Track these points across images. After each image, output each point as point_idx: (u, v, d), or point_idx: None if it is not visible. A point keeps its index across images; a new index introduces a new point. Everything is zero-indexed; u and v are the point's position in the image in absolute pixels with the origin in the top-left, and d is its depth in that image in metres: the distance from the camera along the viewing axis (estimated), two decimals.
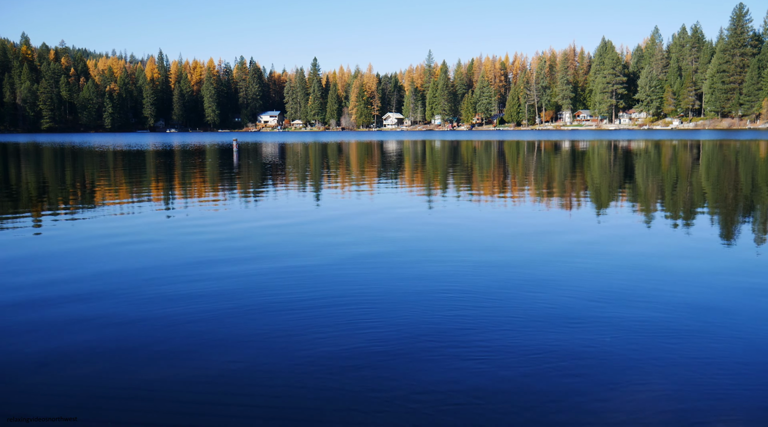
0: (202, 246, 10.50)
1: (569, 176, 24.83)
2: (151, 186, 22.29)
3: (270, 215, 14.41)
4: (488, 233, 11.74)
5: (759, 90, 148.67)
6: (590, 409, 4.46)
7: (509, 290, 7.55)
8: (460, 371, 5.10)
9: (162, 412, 4.48)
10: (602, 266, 8.85)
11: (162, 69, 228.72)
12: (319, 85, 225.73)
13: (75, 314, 6.72)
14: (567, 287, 7.65)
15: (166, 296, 7.37)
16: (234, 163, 36.31)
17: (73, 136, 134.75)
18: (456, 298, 7.21)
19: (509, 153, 47.31)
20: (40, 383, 4.94)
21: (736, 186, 20.07)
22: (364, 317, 6.50)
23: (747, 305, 6.86)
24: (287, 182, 23.60)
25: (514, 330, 6.08)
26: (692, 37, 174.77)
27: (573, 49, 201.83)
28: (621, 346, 5.64)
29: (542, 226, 12.48)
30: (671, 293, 7.35)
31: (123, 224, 13.05)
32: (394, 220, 13.51)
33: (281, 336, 5.98)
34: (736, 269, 8.63)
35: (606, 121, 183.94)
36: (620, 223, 12.85)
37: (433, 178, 24.64)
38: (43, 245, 10.74)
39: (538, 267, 8.77)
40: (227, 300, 7.19)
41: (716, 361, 5.29)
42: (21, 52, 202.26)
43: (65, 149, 60.14)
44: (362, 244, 10.67)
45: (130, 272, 8.64)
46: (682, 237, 11.16)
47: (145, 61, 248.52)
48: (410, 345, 5.70)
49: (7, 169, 31.71)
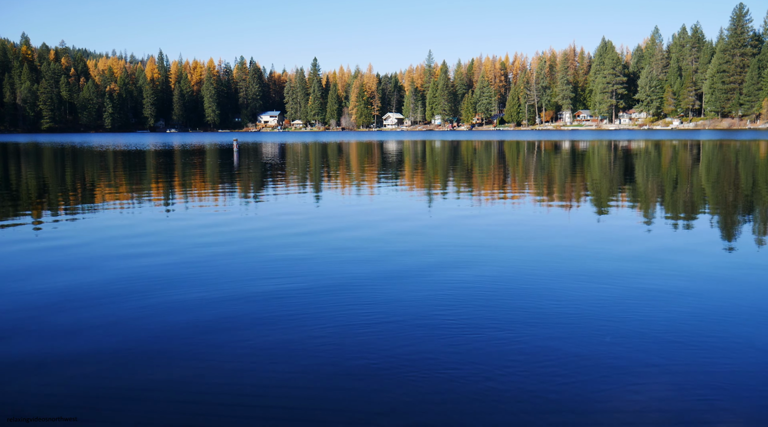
0: (202, 246, 10.49)
1: (569, 177, 24.84)
2: (152, 186, 22.30)
3: (272, 215, 14.40)
4: (483, 231, 11.74)
5: (759, 90, 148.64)
6: (590, 409, 4.46)
7: (508, 291, 7.56)
8: (459, 372, 5.10)
9: (162, 412, 4.48)
10: (602, 265, 8.85)
11: (162, 69, 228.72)
12: (319, 85, 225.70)
13: (75, 314, 6.72)
14: (566, 287, 7.65)
15: (166, 297, 7.37)
16: (234, 164, 36.31)
17: (73, 137, 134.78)
18: (455, 299, 7.22)
19: (510, 153, 47.31)
20: (40, 383, 4.94)
21: (737, 186, 20.07)
22: (365, 318, 6.49)
23: (747, 305, 6.86)
24: (290, 183, 23.60)
25: (514, 330, 6.08)
26: (692, 37, 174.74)
27: (573, 49, 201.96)
28: (621, 346, 5.64)
29: (542, 226, 12.48)
30: (671, 293, 7.35)
31: (123, 224, 13.05)
32: (395, 219, 13.51)
33: (282, 336, 5.97)
34: (737, 269, 8.62)
35: (606, 121, 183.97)
36: (620, 222, 12.84)
37: (434, 178, 24.65)
38: (43, 244, 10.74)
39: (537, 267, 8.78)
40: (227, 300, 7.18)
41: (716, 361, 5.29)
42: (21, 52, 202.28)
43: (65, 149, 60.14)
44: (362, 245, 10.68)
45: (129, 272, 8.63)
46: (682, 237, 11.16)
47: (145, 61, 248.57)
48: (410, 345, 5.70)
49: (7, 169, 31.71)
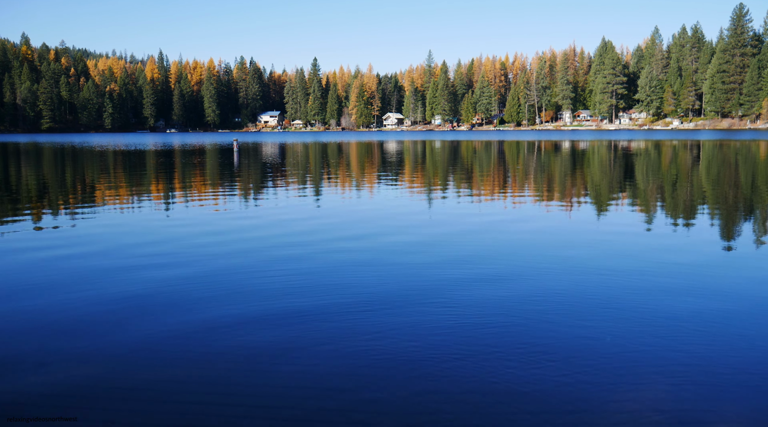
0: (202, 246, 10.49)
1: (569, 177, 24.84)
2: (152, 186, 22.29)
3: (274, 215, 14.40)
4: (483, 235, 11.74)
5: (759, 90, 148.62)
6: (590, 409, 4.46)
7: (508, 292, 7.55)
8: (458, 371, 5.10)
9: (162, 412, 4.48)
10: (601, 265, 8.84)
11: (162, 69, 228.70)
12: (319, 85, 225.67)
13: (74, 314, 6.72)
14: (566, 287, 7.65)
15: (166, 297, 7.37)
16: (234, 164, 36.31)
17: (73, 137, 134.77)
18: (456, 299, 7.22)
19: (510, 153, 47.29)
20: (40, 383, 4.94)
21: (737, 186, 20.07)
22: (364, 319, 6.49)
23: (747, 305, 6.86)
24: (292, 183, 23.60)
25: (514, 331, 6.08)
26: (692, 37, 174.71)
27: (573, 49, 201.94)
28: (621, 346, 5.64)
29: (541, 227, 12.48)
30: (671, 293, 7.35)
31: (124, 224, 13.05)
32: (394, 218, 13.52)
33: (283, 336, 5.97)
34: (737, 268, 8.62)
35: (606, 121, 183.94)
36: (619, 223, 12.84)
37: (434, 178, 24.65)
38: (42, 244, 10.74)
39: (536, 268, 8.77)
40: (227, 300, 7.19)
41: (717, 361, 5.29)
42: (21, 53, 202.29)
43: (65, 149, 60.13)
44: (363, 246, 10.68)
45: (129, 272, 8.63)
46: (682, 237, 11.15)
47: (145, 61, 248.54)
48: (410, 345, 5.70)
49: (7, 169, 31.71)
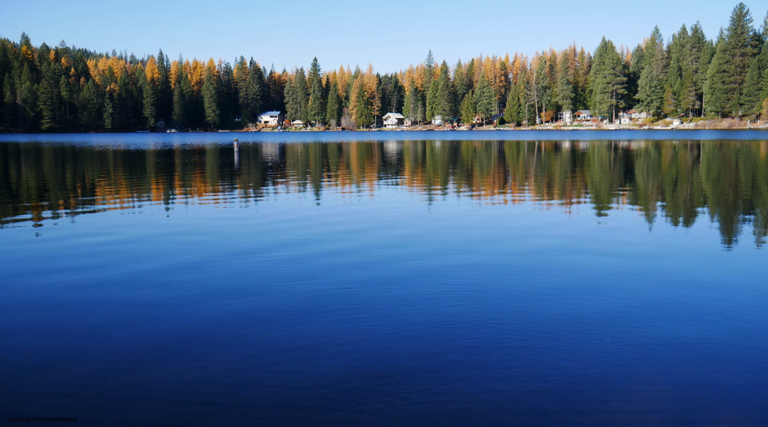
0: (202, 246, 10.50)
1: (569, 177, 24.85)
2: (152, 186, 22.30)
3: (274, 215, 14.41)
4: (480, 234, 11.74)
5: (759, 90, 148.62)
6: (590, 409, 4.46)
7: (507, 292, 7.56)
8: (458, 372, 5.10)
9: (162, 412, 4.48)
10: (601, 265, 8.85)
11: (162, 69, 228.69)
12: (320, 85, 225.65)
13: (75, 314, 6.73)
14: (566, 287, 7.65)
15: (166, 297, 7.37)
16: (235, 163, 36.31)
17: (73, 137, 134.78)
18: (454, 299, 7.22)
19: (510, 153, 47.30)
20: (40, 383, 4.94)
21: (737, 186, 20.07)
22: (364, 320, 6.50)
23: (747, 305, 6.86)
24: (292, 183, 23.60)
25: (514, 330, 6.08)
26: (692, 37, 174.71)
27: (573, 49, 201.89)
28: (621, 346, 5.64)
29: (542, 226, 12.49)
30: (671, 293, 7.35)
31: (123, 224, 13.05)
32: (394, 218, 13.52)
33: (283, 336, 5.98)
34: (737, 269, 8.62)
35: (606, 121, 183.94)
36: (619, 222, 12.84)
37: (434, 178, 24.65)
38: (42, 244, 10.74)
39: (536, 268, 8.78)
40: (228, 301, 7.19)
41: (717, 361, 5.29)
42: (21, 53, 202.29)
43: (65, 149, 60.14)
44: (364, 246, 10.68)
45: (129, 272, 8.63)
46: (683, 237, 11.16)
47: (145, 61, 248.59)
48: (410, 347, 5.71)
49: (7, 169, 31.72)
